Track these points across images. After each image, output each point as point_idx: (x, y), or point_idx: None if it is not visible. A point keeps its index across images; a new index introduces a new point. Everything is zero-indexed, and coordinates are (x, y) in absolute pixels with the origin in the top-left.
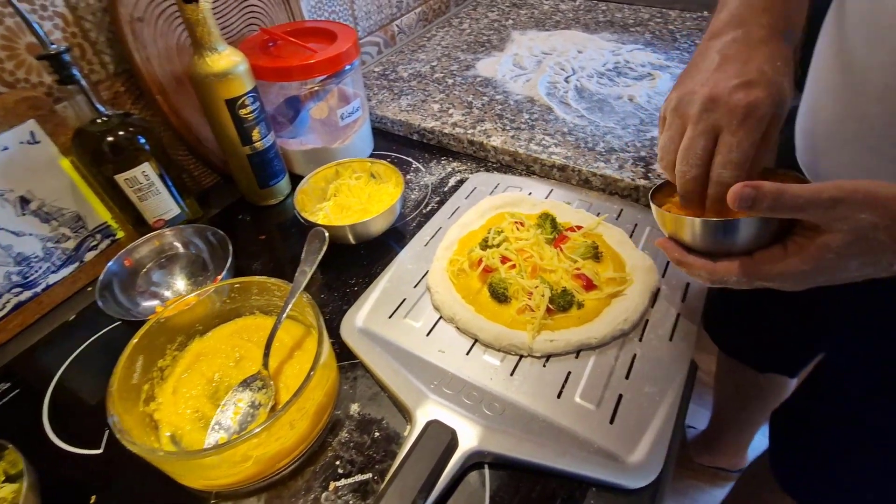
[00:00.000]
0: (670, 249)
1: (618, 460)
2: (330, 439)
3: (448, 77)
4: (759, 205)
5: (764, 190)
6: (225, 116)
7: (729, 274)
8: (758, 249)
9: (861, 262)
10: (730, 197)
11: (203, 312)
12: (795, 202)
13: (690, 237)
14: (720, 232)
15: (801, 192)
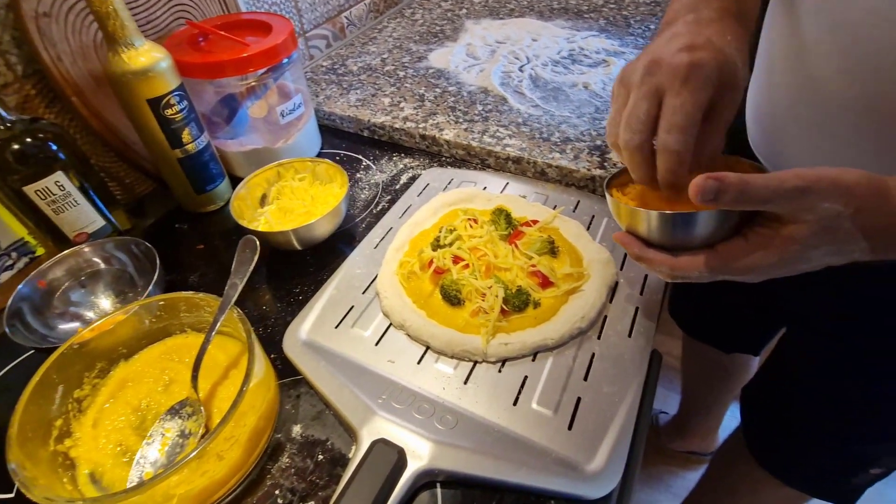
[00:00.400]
0: (629, 244)
1: (577, 469)
2: (269, 466)
3: (399, 69)
4: (723, 198)
5: (727, 182)
6: (149, 118)
7: (691, 269)
8: (719, 242)
9: (825, 252)
10: (691, 190)
11: (126, 334)
12: (760, 194)
13: (648, 231)
14: (679, 225)
15: (765, 183)
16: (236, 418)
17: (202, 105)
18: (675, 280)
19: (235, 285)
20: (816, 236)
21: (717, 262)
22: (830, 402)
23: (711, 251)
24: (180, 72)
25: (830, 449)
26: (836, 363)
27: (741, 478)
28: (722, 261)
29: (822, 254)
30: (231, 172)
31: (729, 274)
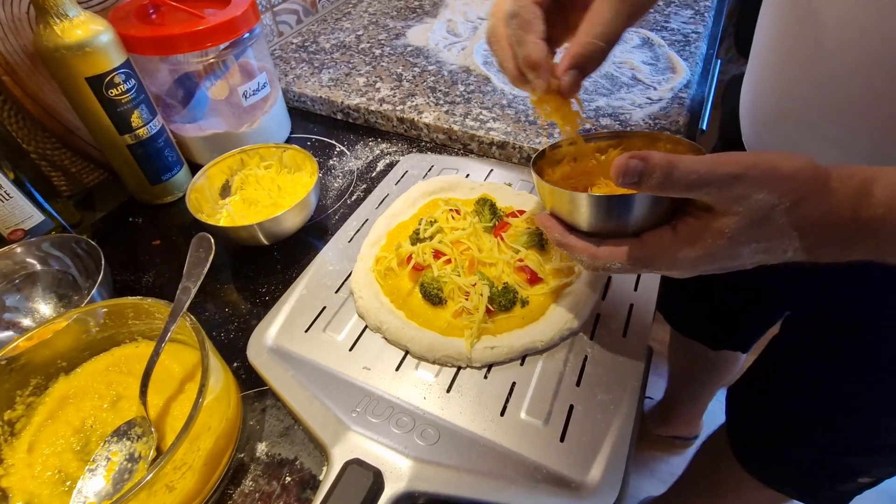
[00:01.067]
0: (550, 228)
1: (570, 486)
2: (230, 490)
3: (375, 47)
4: (648, 180)
5: (652, 163)
6: (89, 99)
7: (612, 259)
8: (647, 230)
9: (754, 249)
10: (613, 170)
11: (67, 345)
12: (688, 179)
13: (569, 213)
14: (602, 209)
15: (694, 166)
16: (189, 442)
17: (155, 85)
18: (596, 271)
19: (188, 289)
20: (746, 231)
21: (640, 254)
22: (816, 410)
23: (636, 241)
24: (127, 47)
25: (815, 456)
26: (825, 370)
27: (725, 476)
28: (646, 253)
29: (751, 251)
30: (190, 160)
31: (653, 268)
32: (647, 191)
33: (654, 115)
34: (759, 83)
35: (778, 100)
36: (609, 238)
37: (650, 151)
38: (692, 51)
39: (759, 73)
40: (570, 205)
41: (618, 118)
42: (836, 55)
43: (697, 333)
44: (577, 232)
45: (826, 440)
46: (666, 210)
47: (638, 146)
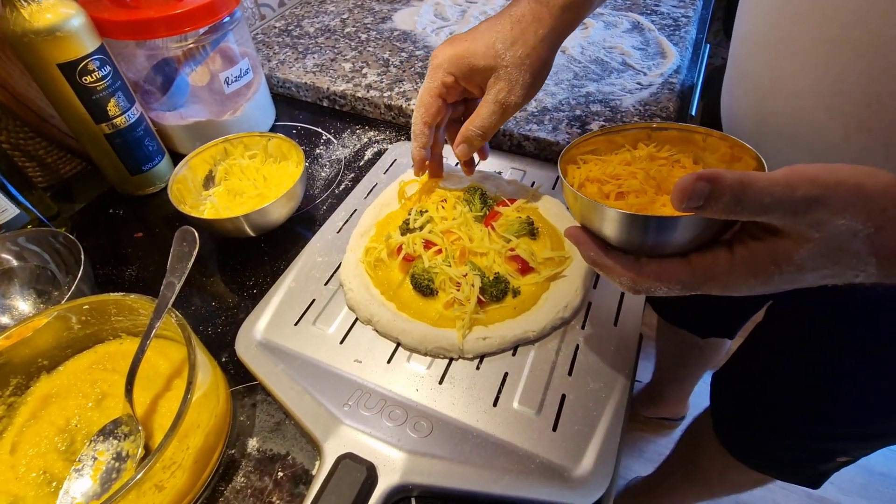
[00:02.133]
0: (584, 246)
1: (563, 475)
2: (222, 487)
3: (361, 31)
4: (714, 206)
5: (722, 186)
6: (63, 86)
7: (658, 283)
8: (695, 249)
9: (822, 275)
10: (674, 194)
11: (47, 343)
12: (761, 203)
13: (610, 231)
14: (652, 230)
15: (768, 188)
16: (178, 440)
17: (132, 71)
18: (637, 293)
19: (172, 285)
20: (819, 258)
21: (691, 279)
22: (798, 396)
23: (686, 265)
24: (100, 32)
25: (796, 439)
26: (806, 356)
27: (708, 458)
28: (697, 278)
29: (818, 276)
30: (172, 149)
31: (703, 290)
32: (711, 215)
33: (645, 101)
34: (736, 90)
35: (755, 110)
36: (648, 255)
37: (719, 171)
38: (682, 35)
39: (736, 80)
40: (608, 221)
41: (608, 104)
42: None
43: (685, 322)
44: (615, 249)
45: (807, 425)
46: (719, 227)
47: (672, 138)
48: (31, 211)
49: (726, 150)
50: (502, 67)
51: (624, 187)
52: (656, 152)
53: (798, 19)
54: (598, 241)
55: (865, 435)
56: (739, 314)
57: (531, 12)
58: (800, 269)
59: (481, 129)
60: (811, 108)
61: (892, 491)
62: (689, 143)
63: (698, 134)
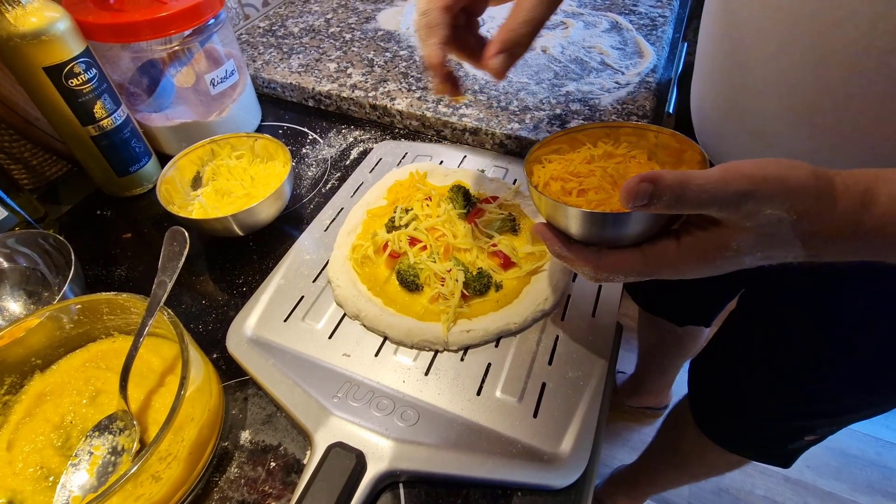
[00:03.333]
0: (549, 241)
1: (543, 459)
2: (216, 478)
3: (346, 31)
4: (657, 204)
5: (663, 186)
6: (49, 90)
7: (616, 272)
8: (648, 240)
9: (758, 257)
10: (622, 195)
11: (40, 342)
12: (699, 198)
13: (572, 228)
14: (609, 225)
15: (704, 186)
16: (173, 433)
17: (117, 73)
18: (598, 282)
19: (164, 283)
20: (753, 243)
21: (644, 267)
22: (770, 380)
23: (639, 253)
24: (85, 34)
25: (769, 421)
26: (776, 342)
27: (690, 444)
28: (650, 265)
29: (754, 258)
30: (158, 150)
31: (657, 276)
32: (656, 211)
33: (623, 100)
34: (702, 91)
35: (720, 110)
36: (605, 246)
37: (661, 173)
38: (659, 35)
39: (701, 79)
40: (568, 219)
41: (587, 103)
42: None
43: (663, 311)
44: (577, 243)
45: (776, 404)
46: (668, 220)
47: (628, 135)
48: (18, 213)
49: (675, 146)
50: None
51: (584, 184)
52: (614, 149)
53: (752, 20)
54: (562, 236)
55: (831, 411)
56: (714, 302)
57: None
58: (738, 253)
59: (529, 25)
60: (770, 106)
61: (864, 472)
62: (643, 139)
63: (651, 132)
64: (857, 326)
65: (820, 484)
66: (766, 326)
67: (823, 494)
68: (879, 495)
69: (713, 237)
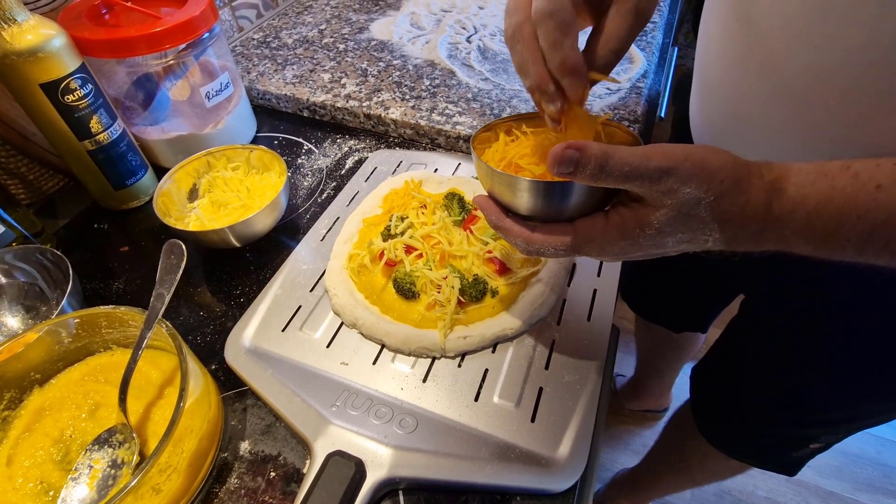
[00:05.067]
0: (487, 210)
1: (541, 463)
2: (216, 489)
3: (339, 42)
4: (583, 171)
5: (588, 154)
6: (45, 106)
7: (545, 244)
8: (582, 215)
9: (679, 239)
10: (549, 160)
11: (39, 357)
12: (621, 171)
13: (508, 197)
14: (539, 194)
15: (627, 159)
16: (172, 444)
17: (113, 88)
18: (531, 255)
19: (162, 296)
20: (673, 223)
21: (573, 241)
22: (775, 388)
23: (569, 228)
24: (81, 50)
25: (774, 429)
26: (781, 349)
27: (691, 450)
28: (579, 240)
29: (675, 241)
30: (155, 163)
31: (584, 254)
32: (582, 181)
33: (614, 106)
34: (704, 96)
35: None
36: (545, 223)
37: (587, 142)
38: (649, 41)
39: (704, 85)
40: (508, 188)
41: None
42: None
43: (659, 318)
44: (514, 215)
45: (780, 413)
46: (601, 197)
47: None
48: (16, 228)
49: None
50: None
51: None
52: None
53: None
54: (501, 207)
55: (835, 420)
56: (709, 309)
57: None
58: (659, 232)
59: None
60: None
61: (865, 471)
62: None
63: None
64: (861, 333)
65: (821, 484)
66: (768, 334)
67: (825, 494)
68: (880, 494)
69: (636, 214)
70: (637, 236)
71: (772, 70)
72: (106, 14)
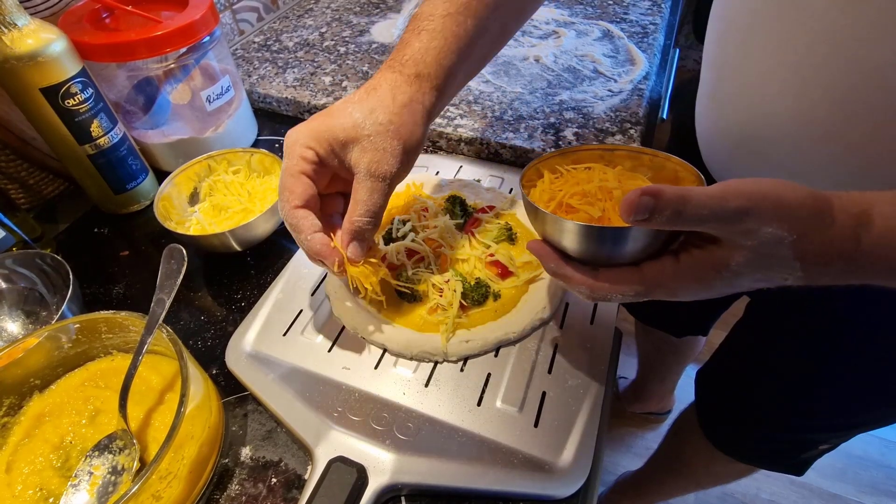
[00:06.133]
0: (544, 257)
1: (545, 468)
2: (217, 495)
3: (340, 45)
4: (658, 218)
5: (664, 200)
6: (46, 110)
7: (612, 291)
8: (647, 258)
9: (756, 279)
10: (622, 207)
11: (39, 362)
12: (698, 214)
13: (570, 243)
14: (607, 242)
15: (705, 202)
16: (173, 451)
17: (113, 92)
18: (594, 301)
19: (162, 301)
20: (751, 264)
21: (642, 287)
22: (782, 391)
23: (637, 273)
24: (81, 54)
25: (781, 432)
26: (788, 352)
27: (695, 453)
28: (646, 285)
29: (752, 280)
30: (155, 166)
31: (652, 297)
32: (656, 227)
33: (616, 108)
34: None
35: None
36: (607, 267)
37: (661, 187)
38: (650, 42)
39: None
40: (564, 233)
41: (581, 111)
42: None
43: (660, 323)
44: (570, 259)
45: (789, 417)
46: (666, 238)
47: (622, 159)
48: (16, 233)
49: (672, 168)
50: (365, 137)
51: (581, 202)
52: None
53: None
54: (558, 252)
55: (846, 424)
56: (709, 314)
57: (387, 81)
58: (736, 274)
59: (367, 215)
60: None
61: (869, 473)
62: (638, 161)
63: (646, 154)
64: (868, 335)
65: (825, 486)
66: (775, 338)
67: (829, 497)
68: (884, 496)
69: (711, 256)
70: (712, 279)
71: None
72: (106, 18)
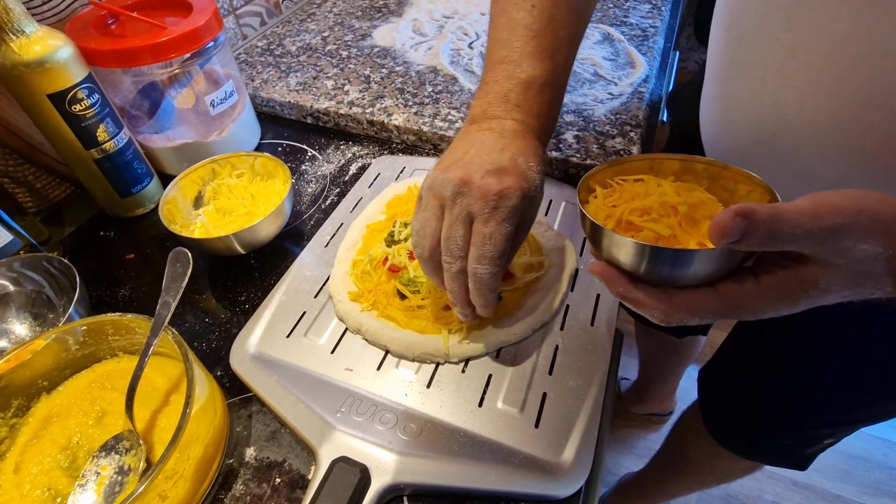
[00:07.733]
0: (612, 282)
1: (546, 469)
2: (221, 496)
3: (342, 49)
4: (750, 239)
5: (757, 221)
6: (53, 116)
7: (689, 315)
8: (720, 280)
9: (843, 295)
10: (714, 231)
11: (46, 364)
12: (792, 234)
13: (639, 266)
14: (682, 263)
15: (799, 220)
16: (179, 451)
17: (118, 97)
18: (669, 324)
19: (168, 304)
20: (843, 281)
21: (721, 308)
22: (786, 387)
23: (715, 295)
24: (88, 60)
25: (786, 428)
26: (791, 348)
27: (699, 451)
28: (726, 307)
29: (840, 297)
30: (160, 170)
31: (733, 318)
32: (746, 248)
33: (616, 111)
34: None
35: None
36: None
37: (753, 206)
38: (650, 45)
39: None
40: (643, 258)
41: (581, 114)
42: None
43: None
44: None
45: (793, 413)
46: (743, 257)
47: (674, 169)
48: (23, 236)
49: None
50: None
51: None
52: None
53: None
54: (625, 274)
55: (849, 420)
56: None
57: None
58: (825, 292)
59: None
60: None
61: (872, 474)
62: (690, 171)
63: (699, 164)
64: (869, 328)
65: (828, 487)
66: (778, 335)
67: (832, 498)
68: (888, 497)
69: (798, 275)
70: (798, 297)
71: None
72: (112, 24)
